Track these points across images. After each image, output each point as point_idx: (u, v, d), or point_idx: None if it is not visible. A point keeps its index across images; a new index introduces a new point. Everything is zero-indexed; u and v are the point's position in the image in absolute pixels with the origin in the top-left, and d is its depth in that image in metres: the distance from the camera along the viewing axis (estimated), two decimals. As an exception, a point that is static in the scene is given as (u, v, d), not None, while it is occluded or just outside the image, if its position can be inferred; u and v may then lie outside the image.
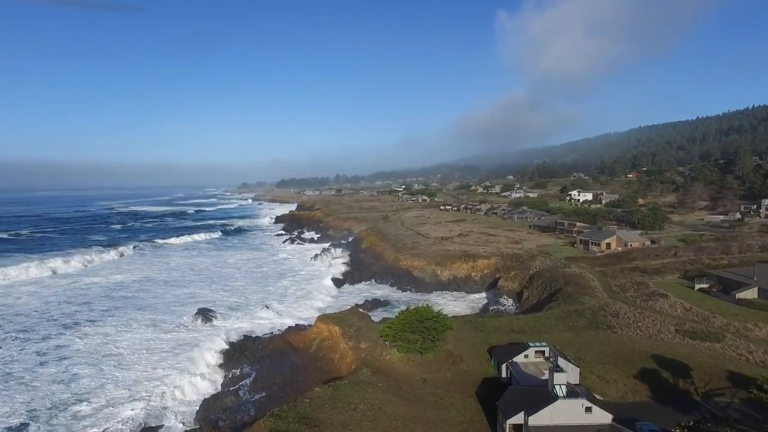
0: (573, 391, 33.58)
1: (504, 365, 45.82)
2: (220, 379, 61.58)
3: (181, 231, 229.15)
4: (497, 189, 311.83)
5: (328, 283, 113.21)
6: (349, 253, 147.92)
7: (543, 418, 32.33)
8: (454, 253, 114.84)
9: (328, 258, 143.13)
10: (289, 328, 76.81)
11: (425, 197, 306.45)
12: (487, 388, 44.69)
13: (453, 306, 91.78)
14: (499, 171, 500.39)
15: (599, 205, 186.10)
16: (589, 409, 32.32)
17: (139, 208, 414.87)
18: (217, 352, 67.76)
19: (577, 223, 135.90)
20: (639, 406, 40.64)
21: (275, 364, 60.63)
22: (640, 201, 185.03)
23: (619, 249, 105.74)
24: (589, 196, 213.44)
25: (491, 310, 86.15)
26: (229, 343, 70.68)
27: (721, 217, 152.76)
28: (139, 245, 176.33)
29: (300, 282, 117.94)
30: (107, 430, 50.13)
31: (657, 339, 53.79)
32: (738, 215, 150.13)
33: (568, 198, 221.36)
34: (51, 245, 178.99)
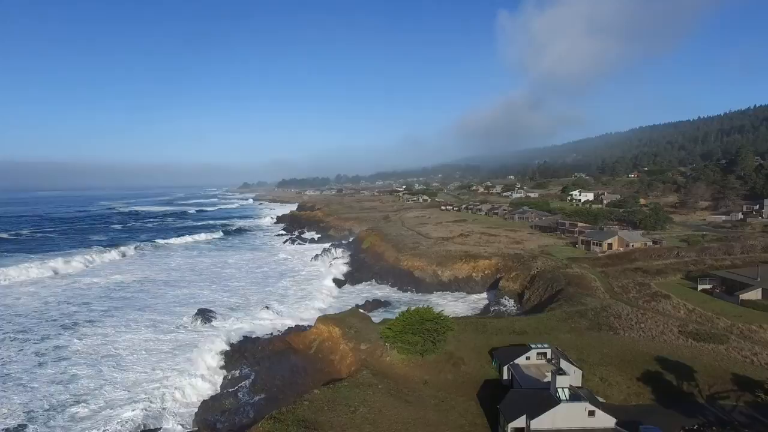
0: (576, 395, 33.07)
1: (505, 367, 45.29)
2: (219, 380, 61.00)
3: (182, 231, 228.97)
4: (498, 189, 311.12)
5: (328, 284, 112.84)
6: (349, 253, 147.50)
7: (545, 421, 31.85)
8: (455, 253, 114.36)
9: (329, 258, 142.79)
10: (289, 328, 76.41)
11: (426, 197, 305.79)
12: (488, 390, 44.21)
13: (454, 307, 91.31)
14: (500, 171, 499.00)
15: (600, 206, 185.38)
16: (592, 413, 31.83)
17: (139, 208, 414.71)
18: (216, 353, 67.25)
19: (579, 224, 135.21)
20: (642, 409, 40.08)
21: (275, 365, 60.14)
22: (642, 201, 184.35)
23: (621, 249, 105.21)
24: (590, 196, 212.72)
25: (492, 311, 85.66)
26: (228, 344, 70.11)
27: (723, 217, 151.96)
28: (139, 245, 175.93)
29: (300, 282, 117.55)
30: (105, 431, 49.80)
31: (660, 340, 53.20)
32: (740, 215, 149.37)
33: (569, 198, 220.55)
34: (51, 245, 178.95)
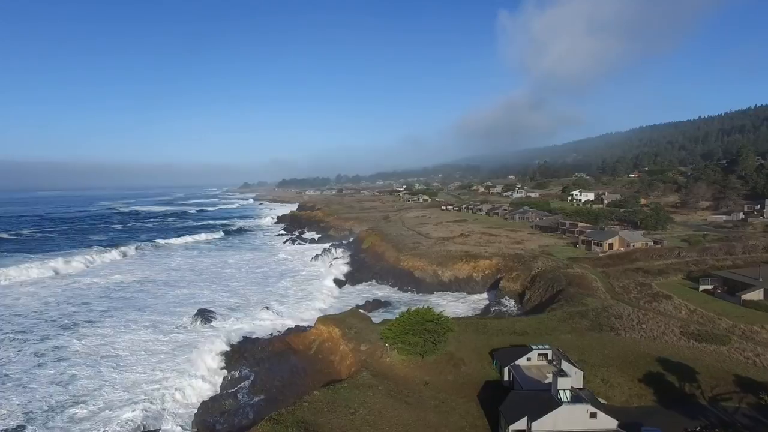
0: (577, 396, 32.80)
1: (506, 368, 45.02)
2: (218, 381, 60.69)
3: (182, 231, 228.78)
4: (499, 189, 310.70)
5: (328, 284, 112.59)
6: (350, 253, 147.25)
7: (546, 423, 31.59)
8: (455, 253, 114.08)
9: (329, 258, 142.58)
10: (289, 329, 76.12)
11: (426, 197, 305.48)
12: (489, 391, 43.95)
13: (454, 307, 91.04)
14: (500, 171, 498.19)
15: (601, 205, 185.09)
16: (593, 415, 31.57)
17: (140, 208, 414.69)
18: (216, 353, 66.90)
19: (579, 224, 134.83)
20: (644, 410, 39.81)
21: (275, 366, 59.86)
22: (643, 201, 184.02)
23: (622, 249, 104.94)
24: (590, 196, 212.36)
25: (493, 311, 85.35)
26: (228, 344, 69.75)
27: (724, 217, 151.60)
28: (139, 245, 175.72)
29: (300, 282, 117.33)
30: (104, 433, 49.59)
31: (661, 341, 52.92)
32: (741, 215, 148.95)
33: (569, 198, 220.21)
34: (51, 245, 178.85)
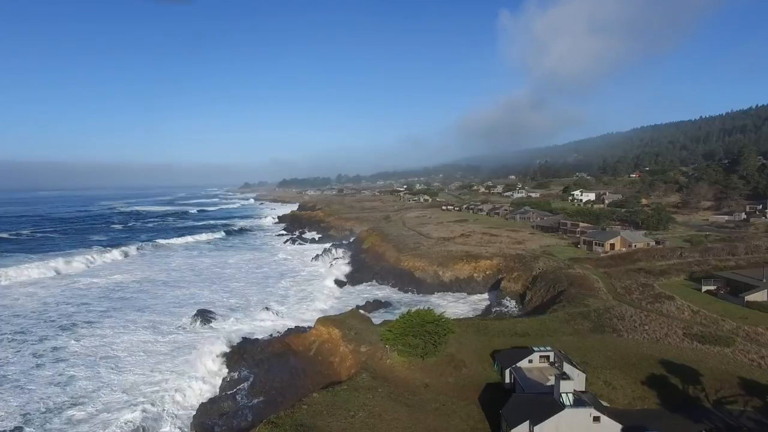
0: (580, 400, 32.30)
1: (508, 370, 44.48)
2: (218, 382, 60.29)
3: (183, 231, 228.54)
4: (499, 189, 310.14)
5: (328, 284, 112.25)
6: (350, 253, 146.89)
7: (549, 427, 31.09)
8: (456, 253, 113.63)
9: (329, 258, 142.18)
10: (288, 330, 75.62)
11: (427, 197, 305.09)
12: (490, 394, 43.42)
13: (455, 307, 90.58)
14: (501, 171, 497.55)
15: (602, 206, 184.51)
16: (597, 419, 31.07)
17: (140, 208, 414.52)
18: (215, 354, 66.44)
19: (581, 224, 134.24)
20: (647, 413, 39.29)
21: (274, 367, 59.41)
22: (644, 201, 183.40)
23: (624, 250, 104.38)
24: (591, 196, 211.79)
25: (494, 312, 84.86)
26: (228, 345, 69.31)
27: (726, 217, 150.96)
28: (140, 245, 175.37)
29: (301, 283, 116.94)
30: (102, 435, 49.21)
31: (664, 343, 52.39)
32: (743, 215, 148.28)
33: (570, 198, 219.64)
34: (51, 245, 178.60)
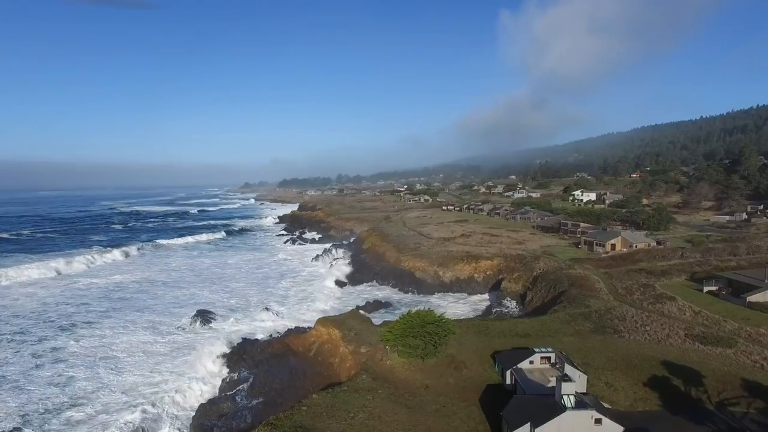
0: (582, 402, 31.98)
1: (508, 372, 44.17)
2: (217, 383, 59.99)
3: (183, 231, 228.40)
4: (500, 189, 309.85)
5: (329, 284, 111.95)
6: (350, 253, 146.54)
7: (550, 430, 30.76)
8: (456, 254, 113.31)
9: (329, 259, 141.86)
10: (288, 330, 75.29)
11: (427, 197, 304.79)
12: (491, 395, 43.12)
13: (455, 308, 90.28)
14: (501, 171, 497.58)
15: (603, 206, 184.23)
16: (598, 421, 30.77)
17: (141, 208, 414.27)
18: (215, 355, 66.18)
19: (581, 224, 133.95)
20: (649, 415, 39.00)
21: (274, 368, 59.11)
22: (645, 201, 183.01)
23: (624, 250, 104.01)
24: (592, 196, 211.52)
25: (494, 313, 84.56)
26: (227, 346, 69.08)
27: (727, 217, 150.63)
28: (139, 246, 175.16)
29: (301, 283, 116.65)
30: (101, 436, 48.97)
31: (666, 344, 52.07)
32: (744, 216, 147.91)
33: (571, 198, 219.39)
34: (51, 245, 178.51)
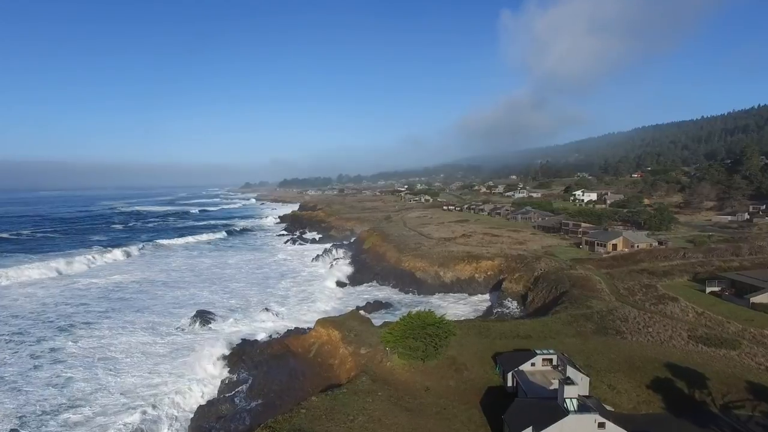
0: (585, 405, 31.49)
1: (510, 374, 43.69)
2: (216, 384, 59.56)
3: (183, 231, 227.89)
4: (500, 189, 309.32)
5: (329, 285, 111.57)
6: (351, 253, 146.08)
7: (553, 434, 30.33)
8: (457, 254, 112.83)
9: (330, 259, 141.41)
10: (288, 331, 74.79)
11: (428, 197, 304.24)
12: (492, 397, 42.66)
13: (456, 308, 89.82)
14: (502, 171, 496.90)
15: (604, 206, 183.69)
16: (602, 425, 30.27)
17: (141, 208, 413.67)
18: (214, 356, 65.58)
19: (582, 224, 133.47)
20: (653, 418, 38.51)
21: (273, 369, 58.72)
22: (646, 201, 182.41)
23: (626, 250, 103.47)
24: (593, 196, 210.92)
25: (495, 313, 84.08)
26: (226, 347, 68.51)
27: (729, 217, 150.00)
28: (140, 245, 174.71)
29: (301, 283, 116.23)
30: (98, 438, 48.57)
31: (669, 345, 51.56)
32: (746, 216, 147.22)
33: (572, 198, 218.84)
34: (51, 245, 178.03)
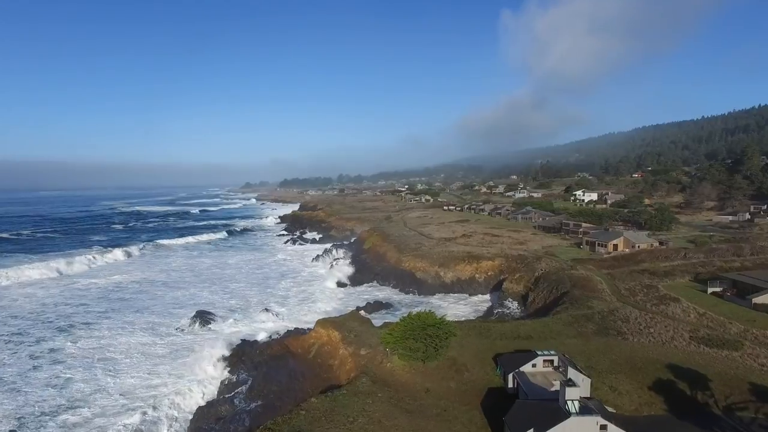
0: (586, 407, 31.25)
1: (510, 375, 43.45)
2: (215, 385, 59.32)
3: (184, 231, 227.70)
4: (501, 189, 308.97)
5: (329, 285, 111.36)
6: (351, 254, 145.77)
7: (554, 436, 30.08)
8: (457, 254, 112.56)
9: (330, 259, 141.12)
10: (288, 332, 74.35)
11: (428, 197, 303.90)
12: (492, 399, 42.44)
13: (456, 309, 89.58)
14: (502, 171, 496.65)
15: (605, 206, 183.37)
16: (604, 427, 30.02)
17: (141, 208, 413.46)
18: (214, 357, 65.25)
19: (583, 224, 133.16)
20: (655, 420, 38.27)
21: (273, 370, 58.46)
22: (647, 201, 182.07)
23: (627, 250, 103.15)
24: (594, 196, 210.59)
25: (496, 314, 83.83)
26: (226, 348, 68.20)
27: (730, 217, 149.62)
28: (140, 246, 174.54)
29: (301, 283, 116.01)
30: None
31: (671, 346, 51.28)
32: (747, 216, 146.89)
33: (572, 198, 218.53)
34: (51, 245, 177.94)
